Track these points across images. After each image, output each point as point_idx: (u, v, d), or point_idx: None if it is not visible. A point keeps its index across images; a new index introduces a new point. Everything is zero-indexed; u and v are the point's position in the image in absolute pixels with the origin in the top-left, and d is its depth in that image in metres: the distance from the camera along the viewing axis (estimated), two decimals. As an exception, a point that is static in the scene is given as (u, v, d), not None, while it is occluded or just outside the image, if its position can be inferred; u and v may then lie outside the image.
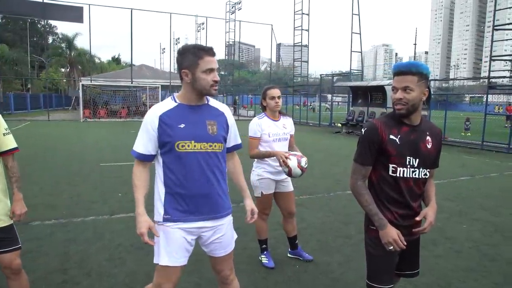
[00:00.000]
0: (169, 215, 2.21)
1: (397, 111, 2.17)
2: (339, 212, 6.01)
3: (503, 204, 6.67)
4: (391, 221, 2.19)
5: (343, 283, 3.64)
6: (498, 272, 3.94)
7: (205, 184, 2.23)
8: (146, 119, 2.22)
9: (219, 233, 2.33)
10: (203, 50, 2.19)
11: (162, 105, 2.25)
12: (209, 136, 2.24)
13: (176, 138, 2.17)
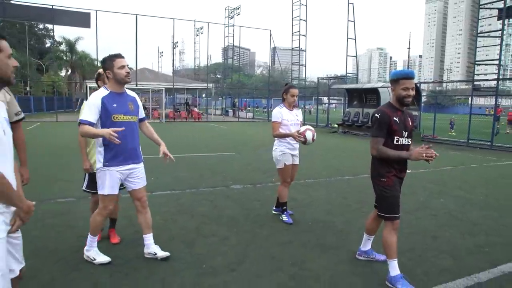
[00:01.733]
0: (108, 163, 3.49)
1: (407, 102, 3.42)
2: (338, 191, 7.22)
3: (477, 186, 7.92)
4: (395, 175, 3.42)
5: (345, 233, 4.83)
6: (464, 226, 5.16)
7: (132, 141, 3.59)
8: (92, 100, 3.41)
9: (140, 172, 3.74)
10: (115, 56, 3.54)
11: (100, 92, 3.52)
12: (130, 111, 3.60)
13: (112, 112, 3.44)
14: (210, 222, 5.11)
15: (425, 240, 4.62)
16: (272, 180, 7.86)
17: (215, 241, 4.43)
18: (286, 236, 4.66)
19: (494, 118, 16.09)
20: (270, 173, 8.52)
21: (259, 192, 6.92)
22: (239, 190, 7.02)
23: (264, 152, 12.16)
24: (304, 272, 3.65)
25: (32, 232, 4.39)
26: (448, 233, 4.90)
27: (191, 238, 4.51)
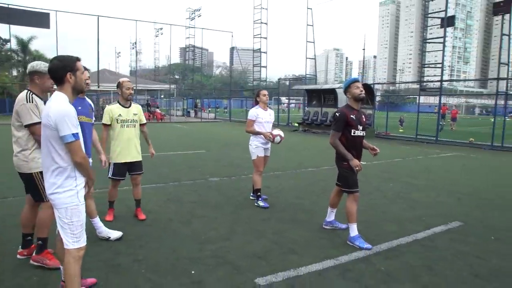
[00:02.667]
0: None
1: (363, 97, 4.51)
2: (304, 180, 8.27)
3: (420, 174, 9.22)
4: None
5: (313, 211, 5.84)
6: (407, 203, 6.33)
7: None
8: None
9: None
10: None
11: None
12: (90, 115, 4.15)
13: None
14: (199, 207, 5.97)
15: (376, 214, 5.72)
16: (244, 173, 8.79)
17: (206, 220, 5.32)
18: (265, 215, 5.61)
19: (438, 115, 17.79)
20: (241, 168, 9.46)
21: (235, 183, 7.85)
22: (217, 182, 7.91)
23: (232, 150, 13.09)
24: (284, 239, 4.62)
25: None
26: (395, 209, 6.04)
27: (186, 218, 5.37)
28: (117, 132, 4.97)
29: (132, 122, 5.06)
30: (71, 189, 2.67)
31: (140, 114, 5.23)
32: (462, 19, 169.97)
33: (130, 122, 5.03)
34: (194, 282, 3.45)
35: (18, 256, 3.86)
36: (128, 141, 5.01)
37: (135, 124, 5.12)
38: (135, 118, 5.11)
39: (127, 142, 5.01)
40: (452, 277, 3.66)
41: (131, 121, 5.05)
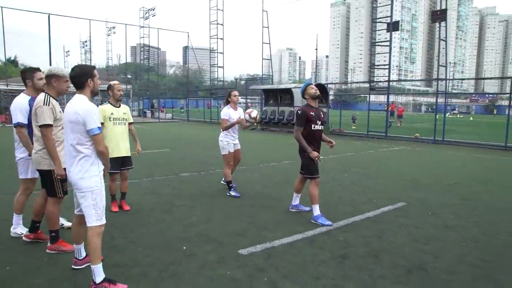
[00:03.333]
0: None
1: (316, 95, 5.28)
2: (267, 173, 9.03)
3: (371, 165, 10.27)
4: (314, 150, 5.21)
5: (279, 199, 6.58)
6: (360, 190, 7.24)
7: None
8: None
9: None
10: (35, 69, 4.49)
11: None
12: None
13: None
14: (176, 198, 6.57)
15: (334, 198, 6.57)
16: (212, 168, 9.43)
17: (186, 208, 5.93)
18: (237, 203, 6.30)
19: (387, 113, 19.18)
20: (207, 164, 10.10)
21: (205, 177, 8.47)
22: (188, 177, 8.50)
23: (195, 148, 13.66)
24: (257, 221, 5.33)
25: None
26: (349, 194, 6.93)
27: (166, 208, 5.95)
28: (110, 129, 5.49)
29: (123, 121, 5.62)
30: (96, 174, 3.26)
31: (128, 114, 5.80)
32: (408, 21, 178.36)
33: (121, 120, 5.59)
34: (187, 255, 4.08)
35: (24, 239, 4.35)
36: (120, 137, 5.57)
37: (125, 122, 5.68)
38: (125, 117, 5.67)
39: (119, 138, 5.56)
40: (396, 242, 4.52)
41: (122, 119, 5.60)
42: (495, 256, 4.18)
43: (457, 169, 10.13)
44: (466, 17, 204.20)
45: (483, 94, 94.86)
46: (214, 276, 3.60)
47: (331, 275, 3.66)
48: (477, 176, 9.09)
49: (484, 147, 15.67)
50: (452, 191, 7.33)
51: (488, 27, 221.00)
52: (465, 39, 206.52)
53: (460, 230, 5.03)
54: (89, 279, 3.39)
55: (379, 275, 3.67)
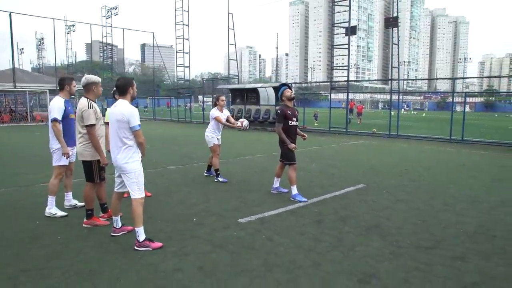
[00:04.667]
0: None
1: (293, 97, 6.52)
2: (245, 165, 10.22)
3: (334, 157, 11.68)
4: (291, 143, 6.44)
5: (259, 184, 7.78)
6: (325, 176, 8.56)
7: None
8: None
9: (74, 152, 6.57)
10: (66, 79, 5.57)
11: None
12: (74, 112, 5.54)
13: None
14: (171, 186, 7.62)
15: (306, 183, 7.83)
16: (195, 162, 10.50)
17: (183, 193, 7.02)
18: (226, 188, 7.46)
19: (347, 110, 20.82)
20: (189, 158, 11.17)
21: (191, 169, 9.55)
22: (175, 169, 9.54)
23: (172, 145, 14.64)
24: (247, 200, 6.50)
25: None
26: (319, 179, 8.24)
27: (167, 193, 7.01)
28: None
29: None
30: (137, 159, 4.33)
31: None
32: (365, 20, 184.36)
33: None
34: (198, 224, 5.21)
35: (103, 220, 5.33)
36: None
37: None
38: None
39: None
40: (358, 211, 5.84)
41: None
42: (430, 218, 5.57)
43: (408, 158, 11.71)
44: (418, 17, 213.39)
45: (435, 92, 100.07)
46: (224, 236, 4.75)
47: (312, 232, 4.90)
48: (424, 163, 10.67)
49: (432, 140, 17.56)
50: (403, 175, 8.80)
51: (439, 28, 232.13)
52: (418, 38, 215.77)
53: (407, 202, 6.42)
54: (127, 243, 4.47)
55: (346, 231, 4.95)
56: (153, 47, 45.63)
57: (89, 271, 3.76)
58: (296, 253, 4.22)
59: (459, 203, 6.40)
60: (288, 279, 3.62)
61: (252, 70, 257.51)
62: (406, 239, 4.70)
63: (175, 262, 3.98)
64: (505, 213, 5.89)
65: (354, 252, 4.26)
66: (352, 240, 4.66)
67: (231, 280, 3.58)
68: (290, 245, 4.47)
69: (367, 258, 4.09)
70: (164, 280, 3.57)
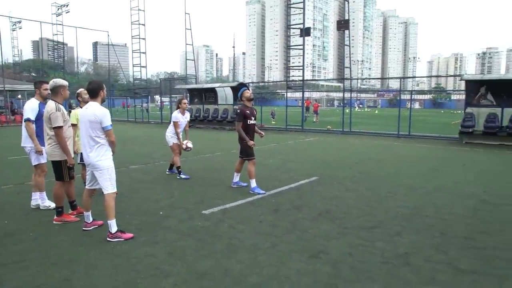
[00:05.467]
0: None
1: (252, 98, 7.02)
2: (206, 163, 10.65)
3: (291, 152, 12.34)
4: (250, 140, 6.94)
5: (220, 180, 8.24)
6: (283, 171, 9.15)
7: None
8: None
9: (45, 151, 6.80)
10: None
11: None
12: None
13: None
14: (136, 183, 7.93)
15: (263, 177, 8.37)
16: (156, 161, 10.80)
17: (149, 190, 7.36)
18: (188, 184, 7.87)
19: (302, 109, 21.64)
20: (150, 158, 11.46)
21: (153, 168, 9.85)
22: (137, 168, 9.80)
23: (133, 145, 14.78)
24: (208, 194, 6.94)
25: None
26: (276, 173, 8.81)
27: (133, 190, 7.33)
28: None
29: None
30: (109, 157, 4.69)
31: None
32: (320, 20, 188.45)
33: None
34: (165, 216, 5.62)
35: (73, 216, 5.57)
36: None
37: None
38: None
39: None
40: (312, 201, 6.44)
41: None
42: (374, 204, 6.27)
43: (359, 153, 12.55)
44: (371, 18, 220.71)
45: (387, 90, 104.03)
46: (190, 226, 5.19)
47: (269, 220, 5.44)
48: (373, 157, 11.52)
49: (382, 135, 18.68)
50: (353, 168, 9.54)
51: (390, 28, 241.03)
52: (371, 38, 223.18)
53: (355, 191, 7.11)
54: (99, 236, 4.82)
55: (300, 217, 5.53)
56: (108, 46, 44.75)
57: (66, 261, 4.10)
58: (256, 237, 4.74)
59: (399, 191, 7.17)
60: (250, 258, 4.13)
61: (209, 69, 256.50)
62: (352, 221, 5.35)
63: (147, 249, 4.39)
64: (437, 197, 6.71)
65: (306, 234, 4.84)
66: (305, 224, 5.24)
67: (199, 261, 4.04)
68: (251, 231, 4.99)
69: (318, 238, 4.68)
70: (138, 265, 3.97)
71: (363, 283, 3.56)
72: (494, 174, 8.91)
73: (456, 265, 3.97)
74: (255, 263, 4.01)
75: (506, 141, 14.27)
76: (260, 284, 3.55)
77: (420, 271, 3.81)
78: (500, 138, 14.48)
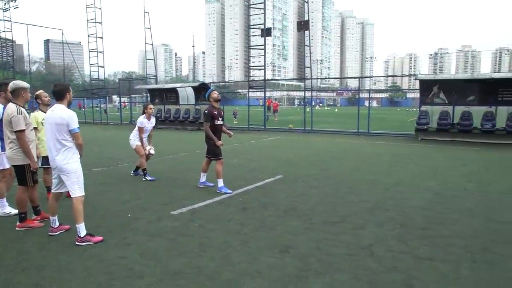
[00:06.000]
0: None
1: (220, 99, 7.12)
2: (170, 164, 10.64)
3: (255, 152, 12.53)
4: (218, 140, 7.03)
5: (186, 180, 8.28)
6: (247, 169, 9.29)
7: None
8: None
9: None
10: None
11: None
12: None
13: None
14: (101, 186, 7.82)
15: (230, 177, 8.47)
16: (119, 163, 10.67)
17: (115, 192, 7.29)
18: (155, 185, 7.87)
19: (264, 108, 21.91)
20: (113, 160, 11.31)
21: (116, 170, 9.74)
22: (101, 171, 9.65)
23: (93, 147, 14.49)
24: (175, 195, 6.98)
25: None
26: (241, 173, 8.95)
27: (98, 193, 7.23)
28: (43, 132, 6.55)
29: None
30: (77, 160, 4.65)
31: None
32: (279, 20, 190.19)
33: None
34: (134, 218, 5.62)
35: (37, 222, 5.43)
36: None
37: None
38: None
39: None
40: (277, 198, 6.64)
41: None
42: (337, 199, 6.55)
43: (320, 151, 12.92)
44: (329, 18, 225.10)
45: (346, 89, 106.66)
46: (159, 227, 5.24)
47: (238, 218, 5.57)
48: (334, 155, 11.90)
49: (342, 133, 19.25)
50: (316, 166, 9.84)
51: (348, 28, 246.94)
52: (329, 38, 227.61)
53: (319, 188, 7.37)
54: (67, 240, 4.78)
55: (268, 215, 5.70)
56: (62, 45, 43.00)
57: (35, 267, 4.05)
58: (226, 236, 4.86)
59: (361, 186, 7.51)
60: (222, 256, 4.24)
61: (168, 68, 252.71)
62: (318, 217, 5.58)
63: (118, 251, 4.40)
64: (396, 191, 7.10)
65: (274, 231, 5.02)
66: (273, 221, 5.41)
67: (172, 261, 4.11)
68: (220, 229, 5.10)
69: (286, 234, 4.87)
70: (111, 267, 3.99)
71: (331, 274, 3.77)
72: (447, 168, 9.47)
73: (415, 253, 4.27)
74: (227, 260, 4.13)
75: (457, 137, 15.13)
76: (233, 280, 3.68)
77: (383, 261, 4.07)
78: (452, 135, 15.34)
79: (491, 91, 15.09)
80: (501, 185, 7.73)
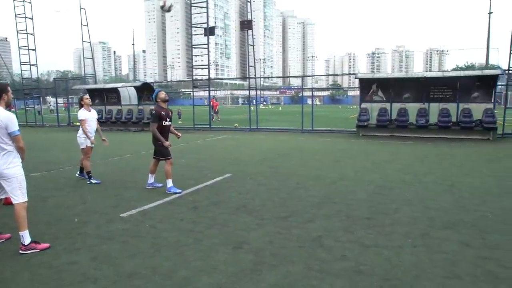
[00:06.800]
0: None
1: (168, 99, 7.03)
2: (116, 166, 10.38)
3: (202, 151, 12.52)
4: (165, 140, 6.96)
5: (134, 182, 8.14)
6: (196, 169, 9.29)
7: None
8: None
9: None
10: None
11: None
12: None
13: None
14: (43, 192, 7.47)
15: (177, 177, 8.42)
16: (61, 167, 10.24)
17: (58, 197, 7.01)
18: (102, 188, 7.66)
19: (209, 107, 21.87)
20: (54, 164, 10.84)
21: (57, 174, 9.34)
22: (40, 176, 9.20)
23: (30, 151, 13.76)
24: (123, 197, 6.85)
25: None
26: (190, 172, 8.92)
27: (40, 199, 6.92)
28: None
29: None
30: (18, 164, 4.43)
31: None
32: (221, 19, 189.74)
33: None
34: (82, 222, 5.46)
35: None
36: None
37: None
38: None
39: None
40: (228, 196, 6.72)
41: None
42: (286, 195, 6.76)
43: (267, 148, 13.16)
44: (271, 17, 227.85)
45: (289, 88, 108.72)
46: (110, 230, 5.13)
47: (190, 217, 5.59)
48: (280, 152, 12.18)
49: (287, 131, 19.69)
50: (263, 163, 10.03)
51: (289, 28, 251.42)
52: (272, 37, 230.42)
53: (268, 185, 7.55)
54: (9, 249, 4.56)
55: (219, 213, 5.77)
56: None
57: (-23, 278, 3.84)
58: (179, 235, 4.87)
59: (308, 181, 7.78)
60: (176, 254, 4.26)
61: (107, 67, 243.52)
62: (268, 213, 5.73)
63: (68, 257, 4.28)
64: (342, 185, 7.45)
65: (227, 228, 5.10)
66: (224, 219, 5.49)
67: (125, 263, 4.07)
68: (173, 229, 5.10)
69: (238, 231, 4.97)
70: (62, 274, 3.87)
71: (285, 266, 3.92)
72: (387, 162, 10.03)
73: (361, 241, 4.54)
74: (182, 258, 4.15)
75: (395, 132, 16.07)
76: (189, 277, 3.71)
77: (333, 250, 4.29)
78: (390, 130, 16.25)
79: (424, 89, 16.17)
80: (434, 175, 8.34)
